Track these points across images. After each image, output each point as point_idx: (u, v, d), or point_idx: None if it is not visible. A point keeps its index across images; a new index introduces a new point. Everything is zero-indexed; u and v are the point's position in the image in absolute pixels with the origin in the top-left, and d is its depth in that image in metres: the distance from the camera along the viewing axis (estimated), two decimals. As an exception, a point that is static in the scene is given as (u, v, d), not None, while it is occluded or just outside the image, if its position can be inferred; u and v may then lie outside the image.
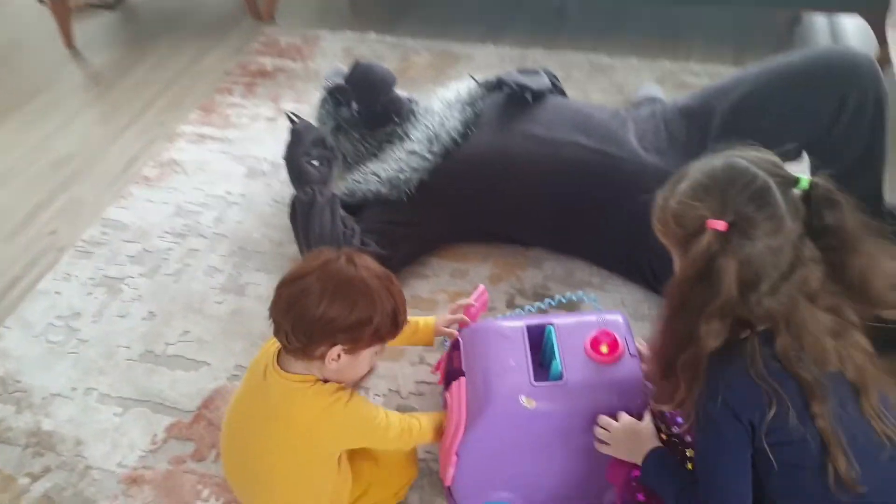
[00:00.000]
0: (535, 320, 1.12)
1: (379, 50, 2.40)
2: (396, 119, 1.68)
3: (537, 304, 1.48)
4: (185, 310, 1.58)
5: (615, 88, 2.13)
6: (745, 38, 2.34)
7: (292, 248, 1.66)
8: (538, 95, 1.59)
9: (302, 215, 1.54)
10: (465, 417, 1.02)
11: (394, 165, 1.59)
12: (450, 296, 1.55)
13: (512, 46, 2.36)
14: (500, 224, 1.61)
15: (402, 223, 1.57)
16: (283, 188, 1.86)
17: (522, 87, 1.59)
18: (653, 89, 1.99)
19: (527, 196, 1.52)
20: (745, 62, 2.19)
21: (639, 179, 1.42)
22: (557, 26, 2.48)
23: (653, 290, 1.48)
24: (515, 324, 1.11)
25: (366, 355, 1.00)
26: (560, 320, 1.12)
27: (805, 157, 1.44)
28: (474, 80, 1.71)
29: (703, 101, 1.47)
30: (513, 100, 1.60)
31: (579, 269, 1.58)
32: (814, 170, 1.50)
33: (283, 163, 1.67)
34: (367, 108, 1.70)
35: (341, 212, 1.57)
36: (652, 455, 0.97)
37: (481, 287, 1.29)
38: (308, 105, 2.14)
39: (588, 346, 1.06)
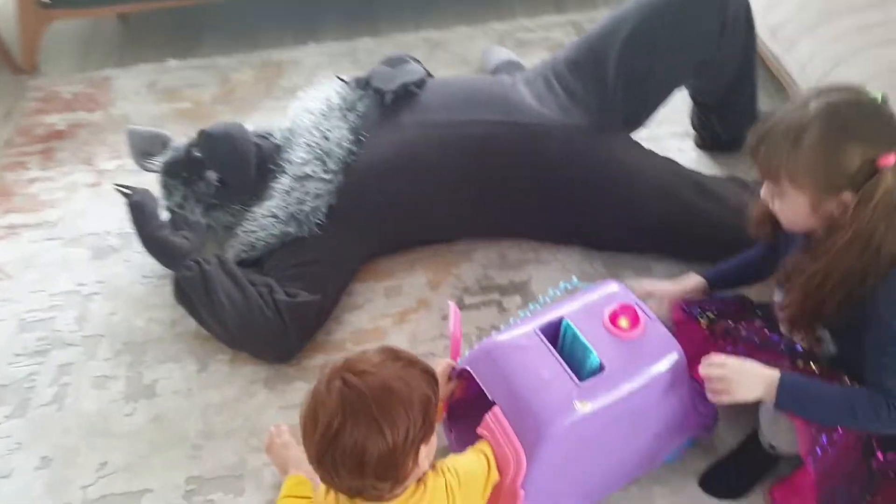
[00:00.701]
0: (541, 319, 1.03)
1: (190, 77, 2.10)
2: (272, 166, 1.46)
3: (526, 310, 1.34)
4: (88, 438, 1.26)
5: (459, 60, 2.06)
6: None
7: (189, 322, 1.41)
8: (417, 85, 1.47)
9: (197, 294, 1.30)
10: (521, 449, 0.91)
11: (290, 199, 1.39)
12: (394, 319, 1.41)
13: (336, 40, 2.19)
14: (418, 226, 1.48)
15: (317, 259, 1.38)
16: (145, 259, 1.55)
17: (381, 91, 1.46)
18: (502, 52, 1.95)
19: (441, 187, 1.41)
20: (566, 9, 2.26)
21: (551, 141, 1.39)
22: (371, 11, 2.35)
23: (590, 246, 1.46)
24: (525, 330, 1.01)
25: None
26: (567, 309, 1.04)
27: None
28: (342, 80, 1.54)
29: (587, 50, 1.44)
30: (385, 100, 1.46)
31: (509, 248, 1.51)
32: (696, 90, 1.56)
33: (131, 230, 1.43)
34: (240, 182, 1.45)
35: (241, 271, 1.35)
36: (787, 378, 0.95)
37: (453, 307, 1.14)
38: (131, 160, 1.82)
39: (609, 325, 0.99)
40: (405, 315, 1.40)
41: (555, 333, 1.03)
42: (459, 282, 1.46)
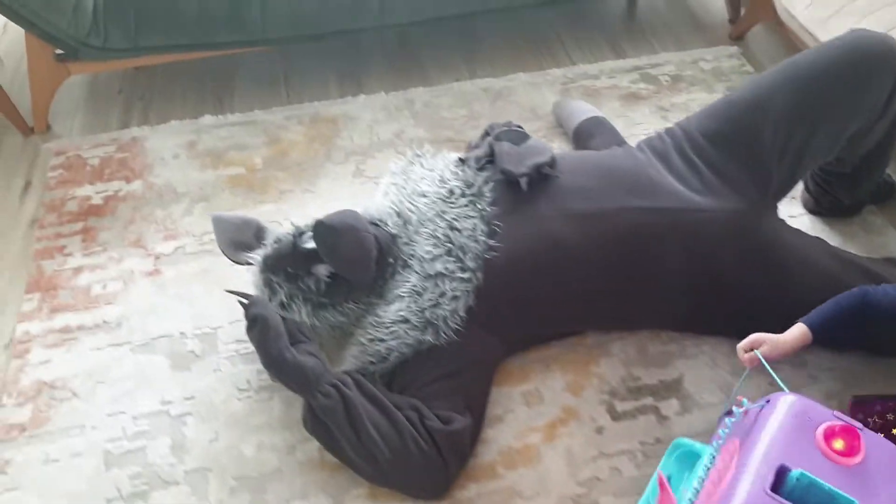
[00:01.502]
0: (751, 468, 0.92)
1: (232, 136, 1.90)
2: (391, 259, 1.30)
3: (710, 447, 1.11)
4: None
5: (529, 112, 1.94)
6: (608, 25, 2.29)
7: (310, 448, 1.24)
8: (550, 166, 1.33)
9: (338, 424, 1.13)
10: None
11: (423, 301, 1.23)
12: (542, 434, 1.27)
13: (387, 92, 2.03)
14: (556, 322, 1.36)
15: (459, 371, 1.24)
16: (236, 367, 1.38)
17: (515, 175, 1.31)
18: (582, 107, 1.83)
19: (585, 281, 1.29)
20: (624, 52, 2.17)
21: (707, 227, 1.28)
22: (414, 57, 2.18)
23: (739, 335, 1.35)
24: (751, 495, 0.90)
25: None
26: (773, 449, 0.92)
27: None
28: (460, 159, 1.39)
29: (734, 123, 1.33)
30: (521, 186, 1.31)
31: (648, 340, 1.40)
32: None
33: (211, 328, 1.35)
34: (360, 279, 1.27)
35: (381, 391, 1.19)
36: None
37: (660, 477, 1.01)
38: (190, 238, 1.62)
39: (829, 453, 0.91)
40: (554, 428, 1.27)
41: (775, 483, 0.92)
42: (603, 384, 1.34)
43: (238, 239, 1.38)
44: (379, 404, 1.16)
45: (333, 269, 1.26)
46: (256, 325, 1.17)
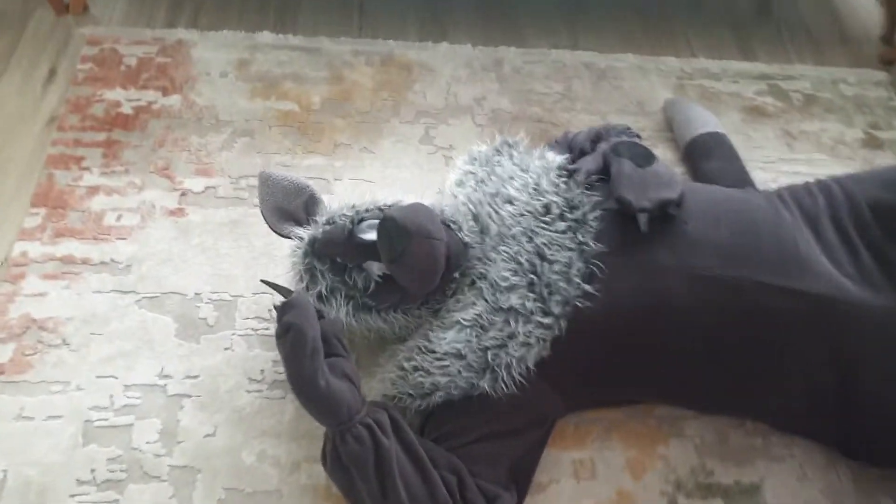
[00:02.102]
0: None
1: (291, 61, 1.64)
2: (457, 274, 1.08)
3: None
4: None
5: (634, 105, 1.66)
6: (739, 19, 1.97)
7: (318, 472, 1.06)
8: (677, 204, 1.08)
9: (362, 472, 0.93)
10: None
11: (487, 338, 1.01)
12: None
13: (474, 45, 1.75)
14: (636, 391, 1.14)
15: (512, 431, 1.04)
16: (251, 352, 1.19)
17: (635, 208, 1.05)
18: (702, 117, 1.54)
19: (690, 355, 1.06)
20: (754, 55, 1.86)
21: (849, 323, 1.03)
22: (511, 11, 1.88)
23: (843, 448, 1.13)
24: None
25: None
26: None
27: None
28: (566, 168, 1.14)
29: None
30: (640, 225, 1.05)
31: (730, 426, 1.18)
32: None
33: (231, 296, 1.17)
34: (420, 289, 1.04)
35: (420, 444, 0.98)
36: None
37: None
38: (225, 178, 1.40)
39: None
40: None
41: None
42: (669, 469, 1.13)
43: (285, 207, 1.16)
44: (416, 459, 0.96)
45: (390, 273, 1.04)
46: (289, 335, 0.94)
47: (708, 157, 1.44)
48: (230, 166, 1.42)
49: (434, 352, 1.04)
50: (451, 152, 1.51)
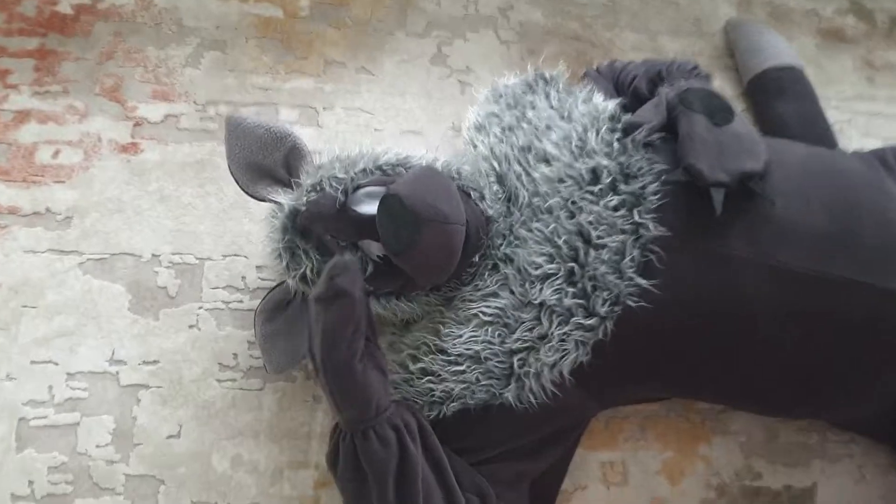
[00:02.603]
0: None
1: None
2: (476, 257, 0.85)
3: None
4: None
5: (691, 26, 1.36)
6: None
7: (304, 479, 0.89)
8: (761, 178, 0.84)
9: (378, 479, 0.75)
10: None
11: (512, 341, 0.81)
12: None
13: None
14: (677, 388, 0.95)
15: (534, 451, 0.85)
16: (220, 330, 0.98)
17: (709, 180, 0.80)
18: (774, 43, 1.26)
19: (762, 362, 0.85)
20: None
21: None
22: None
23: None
24: None
25: None
26: None
27: None
28: (619, 115, 0.89)
29: None
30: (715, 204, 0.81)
31: (781, 422, 1.01)
32: None
33: (196, 258, 0.96)
34: (432, 278, 0.82)
35: (444, 453, 0.80)
36: None
37: None
38: (189, 104, 1.14)
39: None
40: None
41: None
42: (711, 473, 0.97)
43: (260, 162, 0.91)
44: (441, 474, 0.78)
45: (397, 262, 0.81)
46: (337, 303, 0.72)
47: (781, 96, 1.18)
48: (196, 88, 1.15)
49: (446, 353, 0.83)
50: (468, 76, 1.24)
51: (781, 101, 1.18)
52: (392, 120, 1.18)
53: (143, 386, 0.94)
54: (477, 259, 0.86)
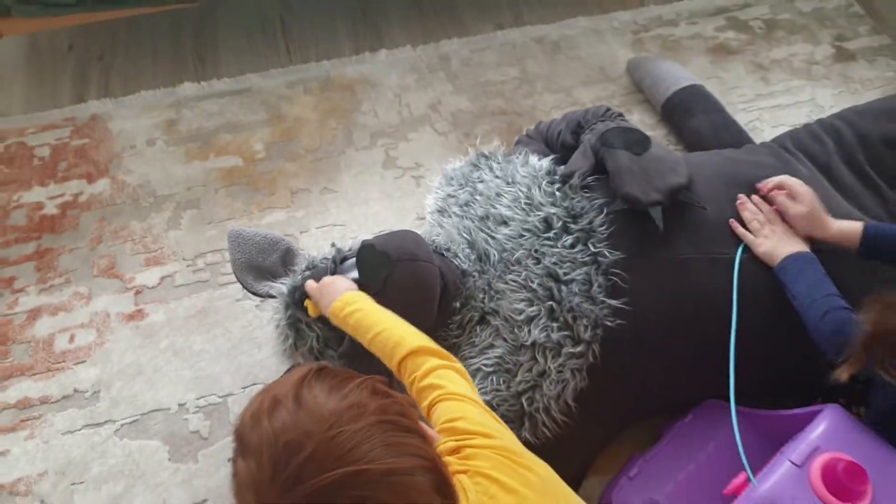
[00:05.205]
0: None
1: (221, 110, 1.47)
2: (456, 303, 0.96)
3: None
4: None
5: (598, 73, 1.53)
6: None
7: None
8: (687, 188, 0.96)
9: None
10: None
11: (514, 383, 0.89)
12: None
13: (413, 45, 1.60)
14: (677, 397, 1.02)
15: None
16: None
17: (644, 203, 0.92)
18: (672, 70, 1.41)
19: (736, 347, 0.94)
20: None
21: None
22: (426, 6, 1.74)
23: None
24: None
25: None
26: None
27: None
28: (552, 169, 1.01)
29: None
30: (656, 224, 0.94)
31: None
32: None
33: (219, 397, 0.85)
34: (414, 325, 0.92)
35: None
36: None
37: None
38: (179, 263, 1.24)
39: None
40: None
41: None
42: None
43: (260, 263, 1.01)
44: None
45: (379, 302, 0.90)
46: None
47: (690, 113, 1.33)
48: (182, 247, 1.27)
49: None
50: (419, 171, 1.37)
51: (692, 117, 1.32)
52: (363, 226, 1.30)
53: (198, 527, 0.99)
54: (458, 306, 0.95)
